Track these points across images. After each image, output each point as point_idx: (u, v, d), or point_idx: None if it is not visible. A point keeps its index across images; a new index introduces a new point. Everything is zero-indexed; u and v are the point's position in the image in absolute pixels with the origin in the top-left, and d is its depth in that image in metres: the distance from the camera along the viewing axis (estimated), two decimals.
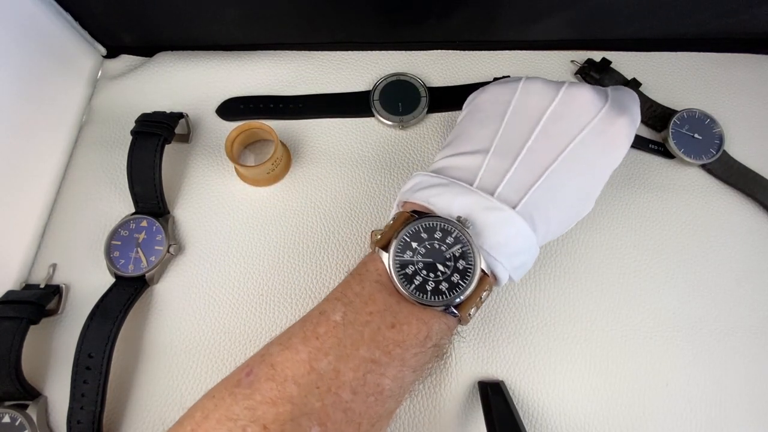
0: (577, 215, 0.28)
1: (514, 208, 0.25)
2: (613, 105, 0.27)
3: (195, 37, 0.41)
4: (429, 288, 0.24)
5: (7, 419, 0.30)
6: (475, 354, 0.33)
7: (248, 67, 0.41)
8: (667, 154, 0.37)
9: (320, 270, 0.35)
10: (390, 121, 0.38)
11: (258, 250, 0.36)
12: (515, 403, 0.31)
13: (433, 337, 0.24)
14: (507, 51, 0.41)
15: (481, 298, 0.24)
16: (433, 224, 0.25)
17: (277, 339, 0.24)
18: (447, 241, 0.24)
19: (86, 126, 0.40)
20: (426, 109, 0.39)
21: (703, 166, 0.37)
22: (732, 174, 0.36)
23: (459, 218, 0.24)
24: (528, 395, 0.32)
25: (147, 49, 0.42)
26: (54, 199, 0.38)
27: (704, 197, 0.37)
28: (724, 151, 0.37)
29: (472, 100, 0.32)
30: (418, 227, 0.25)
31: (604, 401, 0.32)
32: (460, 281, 0.24)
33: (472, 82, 0.40)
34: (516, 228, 0.25)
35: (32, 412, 0.31)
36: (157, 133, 0.35)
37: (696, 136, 0.37)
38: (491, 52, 0.41)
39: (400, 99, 0.39)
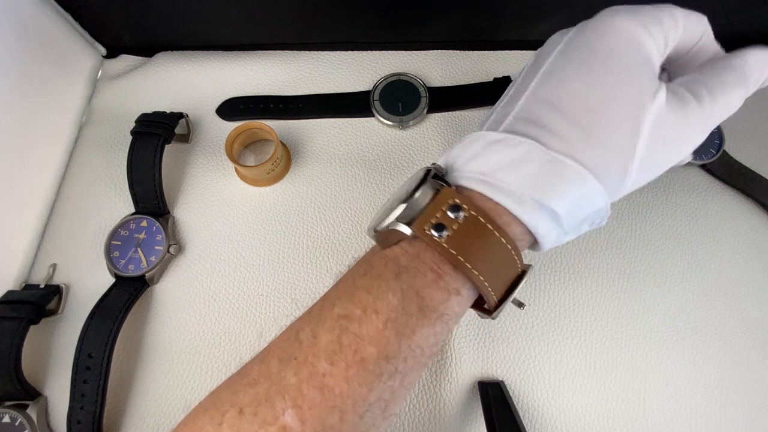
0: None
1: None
2: None
3: (195, 37, 0.41)
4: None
5: (7, 419, 0.30)
6: (475, 354, 0.33)
7: (248, 67, 0.41)
8: None
9: (320, 270, 0.35)
10: (390, 121, 0.38)
11: (258, 250, 0.36)
12: (515, 403, 0.31)
13: (403, 276, 0.20)
14: (507, 51, 0.41)
15: (447, 214, 0.20)
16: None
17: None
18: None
19: (86, 126, 0.40)
20: (426, 109, 0.39)
21: (703, 166, 0.37)
22: (732, 174, 0.36)
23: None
24: (528, 395, 0.32)
25: (147, 49, 0.42)
26: (54, 199, 0.38)
27: (704, 197, 0.37)
28: (724, 151, 0.36)
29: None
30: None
31: (604, 401, 0.32)
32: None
33: (472, 82, 0.40)
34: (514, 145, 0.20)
35: (32, 412, 0.31)
36: (157, 133, 0.35)
37: None
38: (491, 52, 0.41)
39: (400, 99, 0.39)
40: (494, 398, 0.30)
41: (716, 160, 0.36)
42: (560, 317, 0.34)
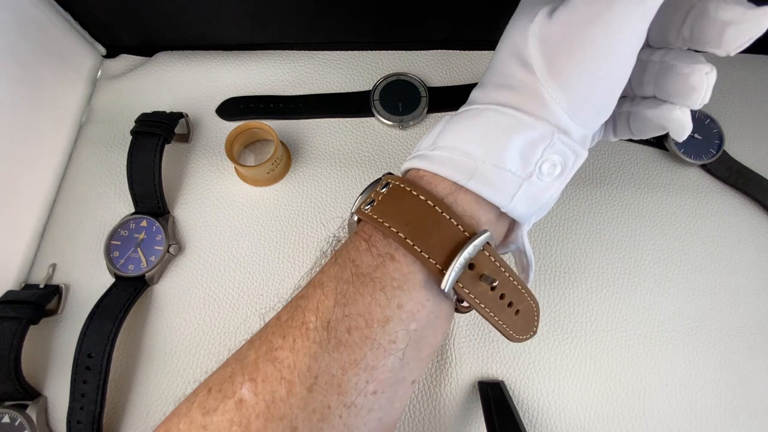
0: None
1: None
2: None
3: (195, 37, 0.41)
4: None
5: (6, 419, 0.30)
6: (475, 354, 0.33)
7: (248, 67, 0.41)
8: (661, 146, 0.37)
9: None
10: (390, 121, 0.38)
11: (258, 250, 0.36)
12: (515, 403, 0.31)
13: (342, 250, 0.22)
14: None
15: (379, 192, 0.22)
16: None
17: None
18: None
19: (86, 126, 0.40)
20: (426, 109, 0.39)
21: (703, 166, 0.37)
22: (732, 174, 0.36)
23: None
24: (528, 395, 0.32)
25: (147, 49, 0.42)
26: (54, 199, 0.38)
27: (704, 197, 0.37)
28: (724, 151, 0.37)
29: None
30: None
31: (604, 401, 0.32)
32: None
33: (472, 82, 0.40)
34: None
35: (32, 412, 0.31)
36: (157, 133, 0.35)
37: (696, 136, 0.37)
38: (491, 52, 0.40)
39: (400, 99, 0.39)
40: (494, 398, 0.30)
41: (716, 160, 0.36)
42: (560, 317, 0.34)
